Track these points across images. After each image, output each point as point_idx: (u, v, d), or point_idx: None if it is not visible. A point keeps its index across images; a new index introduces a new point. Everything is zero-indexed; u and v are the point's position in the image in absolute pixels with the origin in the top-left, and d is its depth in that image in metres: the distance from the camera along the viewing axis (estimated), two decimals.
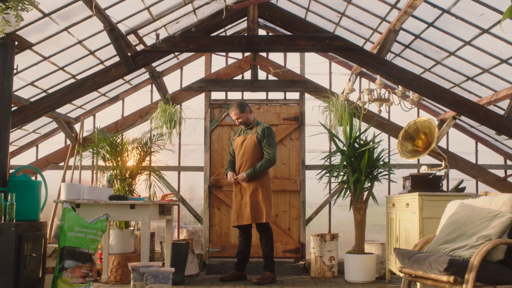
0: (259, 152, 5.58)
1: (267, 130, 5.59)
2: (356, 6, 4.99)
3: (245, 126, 5.71)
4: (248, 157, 5.58)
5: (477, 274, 3.24)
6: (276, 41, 5.04)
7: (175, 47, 4.92)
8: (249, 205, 5.47)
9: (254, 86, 6.73)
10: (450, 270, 3.28)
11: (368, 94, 4.96)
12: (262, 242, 5.57)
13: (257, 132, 5.59)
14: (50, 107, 4.93)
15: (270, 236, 5.57)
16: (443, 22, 4.48)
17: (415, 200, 4.92)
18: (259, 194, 5.49)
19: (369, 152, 5.78)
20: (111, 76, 4.98)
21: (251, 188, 5.50)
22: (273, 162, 5.55)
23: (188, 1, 5.21)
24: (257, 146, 5.57)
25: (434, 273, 3.46)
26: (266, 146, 5.53)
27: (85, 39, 4.97)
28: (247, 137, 5.65)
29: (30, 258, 3.97)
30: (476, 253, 3.35)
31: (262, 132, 5.56)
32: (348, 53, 4.93)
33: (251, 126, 5.70)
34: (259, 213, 5.45)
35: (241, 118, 5.64)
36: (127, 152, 5.99)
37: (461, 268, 3.28)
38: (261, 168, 5.49)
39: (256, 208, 5.46)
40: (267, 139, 5.54)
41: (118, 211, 4.50)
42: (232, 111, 5.68)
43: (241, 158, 5.63)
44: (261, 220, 5.46)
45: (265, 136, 5.54)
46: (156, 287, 4.23)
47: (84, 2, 4.13)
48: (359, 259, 5.70)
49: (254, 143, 5.57)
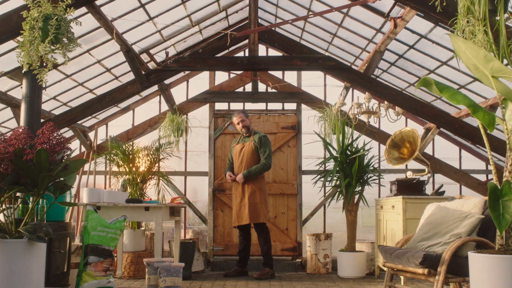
0: (256, 158, 6.04)
1: (263, 138, 6.05)
2: (346, 29, 5.55)
3: (246, 131, 6.13)
4: (246, 162, 6.04)
5: (448, 267, 3.67)
6: (275, 61, 5.60)
7: (184, 66, 5.48)
8: (247, 206, 5.92)
9: (255, 97, 7.28)
10: (424, 263, 3.73)
11: (357, 107, 5.51)
12: (260, 241, 6.04)
13: (255, 140, 6.04)
14: (73, 120, 5.49)
15: (267, 235, 6.04)
16: (422, 45, 5.04)
17: (399, 203, 5.45)
18: (256, 196, 5.94)
19: (359, 158, 6.29)
20: (127, 93, 5.54)
21: (249, 191, 5.97)
22: (268, 167, 5.99)
23: (195, 24, 5.77)
24: (255, 152, 6.03)
25: (412, 266, 3.92)
26: (262, 152, 5.99)
27: (103, 59, 5.53)
28: (245, 145, 6.11)
29: (59, 254, 4.50)
30: (447, 249, 3.81)
31: (259, 140, 6.01)
32: (338, 71, 5.48)
33: (249, 134, 6.15)
34: (257, 214, 5.91)
35: (245, 122, 6.07)
36: (138, 159, 6.54)
37: (434, 262, 3.72)
38: (257, 170, 5.93)
39: (254, 209, 5.91)
40: (264, 146, 5.99)
41: (134, 213, 5.03)
42: (236, 115, 6.11)
43: (239, 163, 6.09)
44: (258, 220, 5.92)
45: (262, 143, 6.00)
46: (168, 279, 4.76)
47: (105, 29, 4.68)
48: (350, 256, 6.11)
49: (252, 149, 6.03)
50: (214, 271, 6.65)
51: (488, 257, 1.50)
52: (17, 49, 2.81)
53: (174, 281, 4.75)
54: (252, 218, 5.92)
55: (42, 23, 2.74)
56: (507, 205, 1.45)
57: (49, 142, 1.49)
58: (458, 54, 1.66)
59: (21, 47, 2.80)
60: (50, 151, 1.48)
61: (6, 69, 4.80)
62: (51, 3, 2.86)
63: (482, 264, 1.49)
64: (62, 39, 2.79)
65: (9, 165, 1.44)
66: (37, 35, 2.74)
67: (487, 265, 1.50)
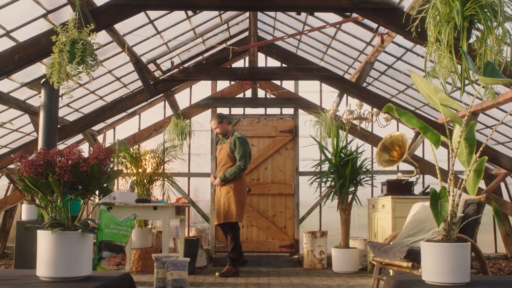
0: (232, 159, 6.08)
1: (238, 140, 6.03)
2: (339, 41, 5.98)
3: (222, 136, 6.27)
4: (224, 164, 6.15)
5: None
6: (273, 72, 6.03)
7: (189, 76, 5.91)
8: (222, 206, 6.08)
9: (254, 103, 7.68)
10: (409, 257, 4.06)
11: (349, 114, 5.94)
12: (228, 239, 6.08)
13: (231, 142, 6.08)
14: (86, 126, 5.92)
15: (236, 234, 6.06)
16: (408, 57, 5.47)
17: (389, 202, 5.86)
18: (231, 196, 6.05)
19: (352, 161, 6.69)
20: (136, 101, 5.97)
21: (225, 192, 6.10)
22: (243, 169, 6.00)
23: (198, 36, 6.19)
24: (231, 154, 6.08)
25: (397, 260, 4.27)
26: (237, 154, 6.02)
27: (113, 69, 5.95)
28: (223, 147, 6.21)
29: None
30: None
31: (234, 142, 6.04)
32: (332, 81, 5.91)
33: (228, 136, 6.19)
34: (230, 213, 6.02)
35: (218, 128, 6.15)
36: (145, 161, 6.95)
37: (418, 256, 3.98)
38: (231, 172, 5.97)
39: (228, 209, 6.04)
40: (239, 148, 5.99)
41: (143, 212, 5.44)
42: (211, 121, 6.30)
43: (219, 165, 6.29)
44: (231, 220, 5.97)
45: (236, 145, 6.01)
46: (175, 273, 5.15)
47: (117, 44, 5.11)
48: (344, 253, 6.46)
49: (227, 152, 6.11)
50: (216, 266, 6.96)
51: (434, 245, 1.91)
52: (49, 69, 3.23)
53: (180, 274, 5.14)
54: (225, 217, 6.02)
55: (70, 46, 3.16)
56: (443, 205, 1.86)
57: (98, 157, 1.91)
58: (416, 85, 2.07)
59: (52, 67, 3.22)
60: (99, 164, 1.90)
61: (26, 80, 5.22)
62: (77, 28, 3.28)
63: (429, 251, 1.90)
64: (87, 60, 3.22)
65: (70, 175, 1.86)
66: (65, 57, 3.16)
67: (433, 251, 1.90)
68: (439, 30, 2.90)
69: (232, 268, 6.00)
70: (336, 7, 3.73)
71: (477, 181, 2.02)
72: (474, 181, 2.02)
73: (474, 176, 2.03)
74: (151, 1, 3.71)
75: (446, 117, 2.18)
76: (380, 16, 3.71)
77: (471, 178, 2.02)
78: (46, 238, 1.89)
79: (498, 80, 1.87)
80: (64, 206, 1.91)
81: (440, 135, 2.05)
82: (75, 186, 1.94)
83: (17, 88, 5.26)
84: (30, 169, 1.82)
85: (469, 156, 1.96)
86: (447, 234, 1.93)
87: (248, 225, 7.65)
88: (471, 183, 2.03)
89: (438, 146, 2.06)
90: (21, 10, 3.95)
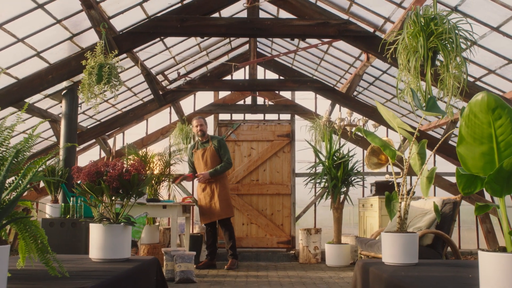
0: (218, 159, 6.42)
1: (222, 141, 6.48)
2: (331, 55, 6.57)
3: (201, 135, 6.45)
4: (210, 164, 6.40)
5: None
6: (271, 84, 6.61)
7: (195, 87, 6.49)
8: (219, 203, 6.30)
9: (254, 109, 8.23)
10: None
11: (340, 121, 6.53)
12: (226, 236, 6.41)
13: (214, 144, 6.42)
14: (101, 132, 6.49)
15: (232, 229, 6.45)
16: (393, 70, 6.05)
17: (376, 202, 6.46)
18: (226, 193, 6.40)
19: (344, 163, 7.25)
20: (147, 110, 6.55)
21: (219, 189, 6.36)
22: (230, 166, 6.43)
23: (203, 49, 6.78)
24: (216, 155, 6.42)
25: (381, 253, 4.89)
26: (223, 154, 6.39)
27: (126, 80, 6.54)
28: (206, 149, 6.45)
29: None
30: None
31: (219, 143, 6.43)
32: (324, 92, 6.50)
33: (207, 140, 6.50)
34: (230, 208, 6.41)
35: (203, 127, 6.44)
36: (153, 163, 7.51)
37: None
38: (222, 168, 6.33)
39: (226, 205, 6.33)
40: (224, 148, 6.43)
41: (154, 210, 6.00)
42: (197, 119, 6.53)
43: (204, 166, 6.43)
44: (231, 215, 6.38)
45: (221, 146, 6.42)
46: (183, 265, 5.71)
47: (131, 59, 5.69)
48: (337, 248, 6.92)
49: (213, 152, 6.41)
50: (218, 261, 7.47)
51: (391, 235, 2.49)
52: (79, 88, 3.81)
53: (187, 266, 5.71)
54: (226, 213, 6.34)
55: (98, 70, 3.73)
56: (395, 205, 2.44)
57: (138, 169, 2.49)
58: (381, 112, 2.65)
59: (82, 88, 3.80)
60: (138, 173, 2.48)
61: (49, 92, 5.81)
62: (103, 54, 3.87)
63: (387, 239, 2.48)
64: (112, 81, 3.79)
65: (118, 183, 2.44)
66: (93, 79, 3.73)
67: (390, 239, 2.48)
68: (408, 58, 3.50)
69: (236, 261, 6.42)
70: (324, 35, 4.30)
71: (429, 185, 2.60)
72: (427, 186, 2.60)
73: (427, 181, 2.61)
74: (165, 29, 4.27)
75: (402, 136, 2.77)
76: (362, 43, 4.28)
77: (424, 183, 2.61)
78: (97, 229, 2.50)
79: (434, 114, 2.45)
80: (112, 205, 2.51)
81: (396, 151, 2.64)
82: (118, 190, 2.52)
83: (41, 99, 5.84)
84: (87, 178, 2.41)
85: (420, 167, 2.53)
86: (400, 227, 2.51)
87: (248, 223, 8.20)
88: (424, 187, 2.61)
89: (394, 160, 2.65)
90: (51, 34, 4.53)
